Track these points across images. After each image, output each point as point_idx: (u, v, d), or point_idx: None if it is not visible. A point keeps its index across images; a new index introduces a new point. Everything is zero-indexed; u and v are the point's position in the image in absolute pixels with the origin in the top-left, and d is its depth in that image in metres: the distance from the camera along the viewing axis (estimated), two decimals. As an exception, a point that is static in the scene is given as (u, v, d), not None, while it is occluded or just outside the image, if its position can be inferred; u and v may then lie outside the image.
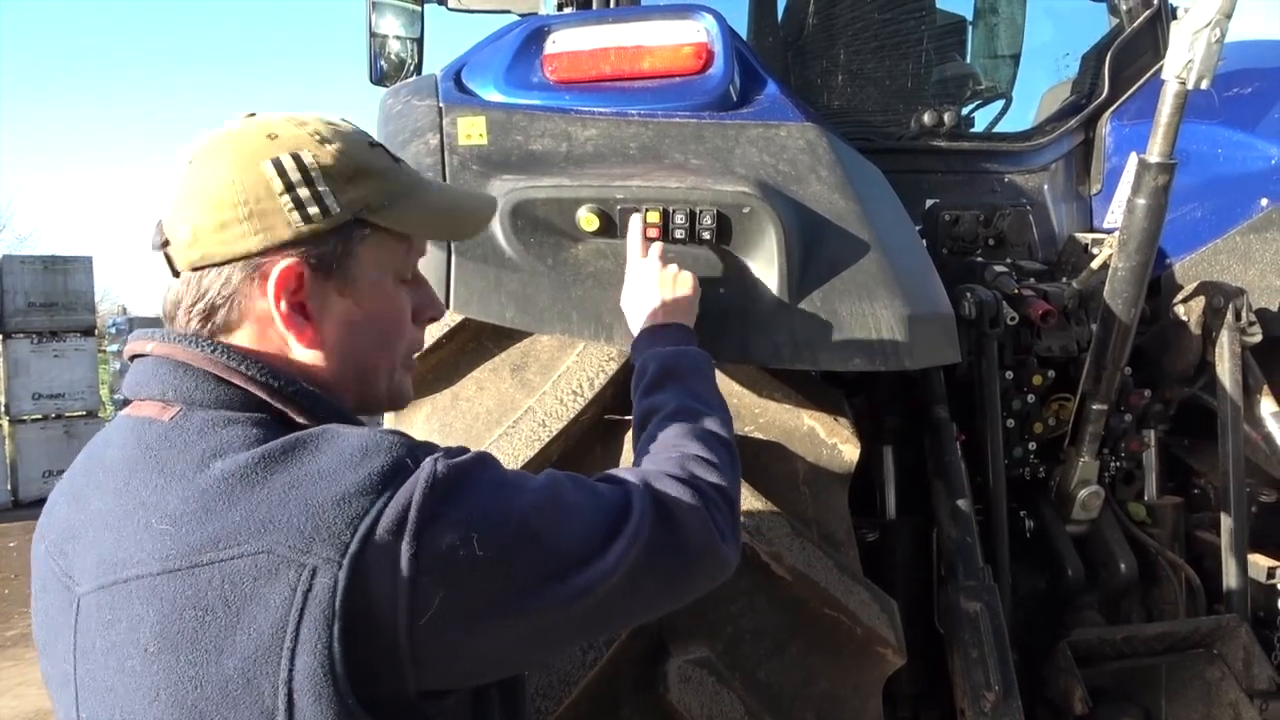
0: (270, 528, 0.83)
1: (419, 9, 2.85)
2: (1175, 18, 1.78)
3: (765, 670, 1.60)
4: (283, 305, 0.95)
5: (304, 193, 0.94)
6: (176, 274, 0.98)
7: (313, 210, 0.95)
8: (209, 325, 0.97)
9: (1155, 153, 1.82)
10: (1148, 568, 2.20)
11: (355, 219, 0.98)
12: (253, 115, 1.02)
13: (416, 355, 1.79)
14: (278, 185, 0.94)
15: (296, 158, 0.95)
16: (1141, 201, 1.86)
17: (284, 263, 0.94)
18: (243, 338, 0.98)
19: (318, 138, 0.97)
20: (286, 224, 0.94)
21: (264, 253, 0.94)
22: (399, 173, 1.04)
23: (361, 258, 1.00)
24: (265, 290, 0.95)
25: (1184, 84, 1.73)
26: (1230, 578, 2.06)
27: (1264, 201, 2.18)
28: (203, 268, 0.96)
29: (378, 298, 1.03)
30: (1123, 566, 2.15)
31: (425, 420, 1.77)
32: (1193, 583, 2.19)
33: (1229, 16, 1.66)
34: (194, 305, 0.97)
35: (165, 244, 0.98)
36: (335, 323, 1.00)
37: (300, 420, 0.94)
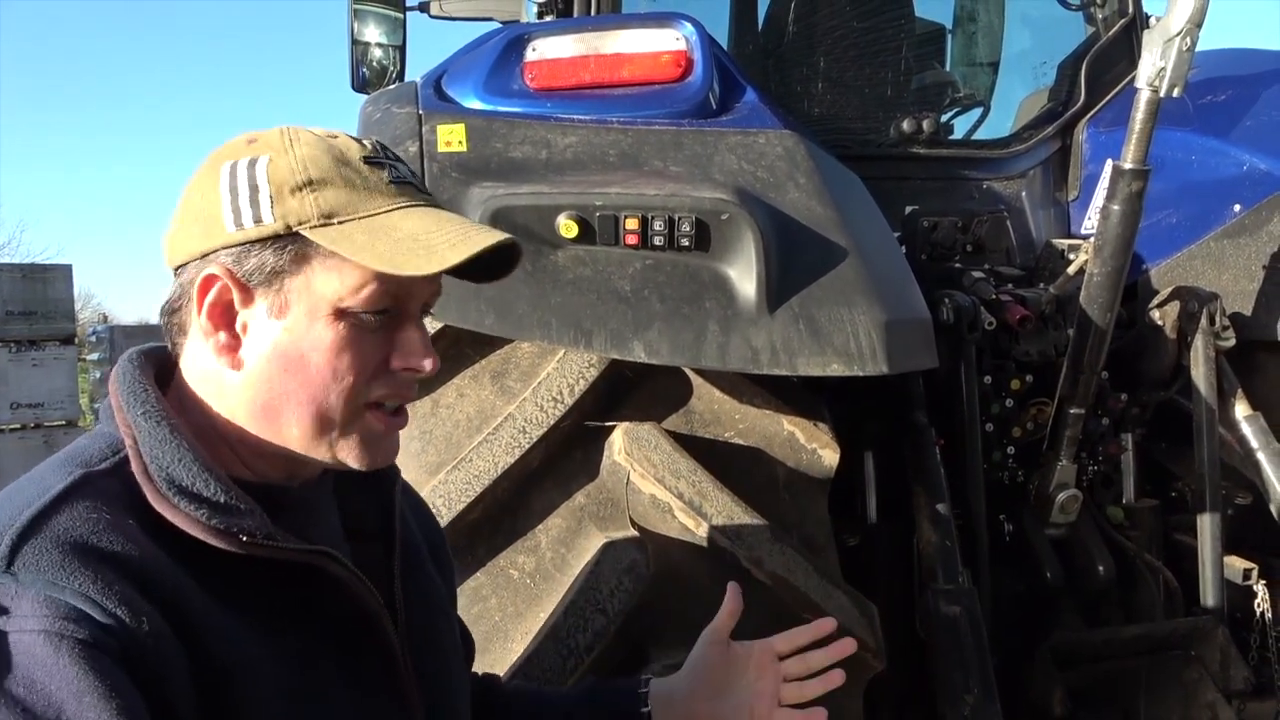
0: None
1: (401, 16, 2.85)
2: (1149, 26, 1.81)
3: (746, 675, 1.59)
4: (202, 316, 0.89)
5: (243, 198, 0.88)
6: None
7: (246, 216, 0.88)
8: (176, 327, 0.93)
9: (1129, 159, 1.84)
10: (1126, 570, 2.22)
11: (291, 233, 0.87)
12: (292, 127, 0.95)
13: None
14: (224, 188, 0.89)
15: (251, 163, 0.89)
16: (1116, 207, 1.88)
17: (210, 269, 0.88)
18: (191, 350, 0.93)
19: (286, 142, 0.90)
20: (220, 228, 0.88)
21: (203, 256, 0.89)
22: (377, 193, 0.90)
23: (298, 279, 0.88)
24: (198, 297, 0.90)
25: (1156, 91, 1.75)
26: (1207, 580, 2.08)
27: (1237, 207, 2.21)
28: (175, 270, 0.93)
29: (313, 328, 0.89)
30: (1101, 569, 2.17)
31: (405, 428, 1.77)
32: (1171, 585, 2.21)
33: (1199, 25, 1.68)
34: (166, 304, 0.94)
35: None
36: (261, 347, 0.90)
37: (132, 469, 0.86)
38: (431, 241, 0.90)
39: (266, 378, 0.90)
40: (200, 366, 0.93)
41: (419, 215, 0.92)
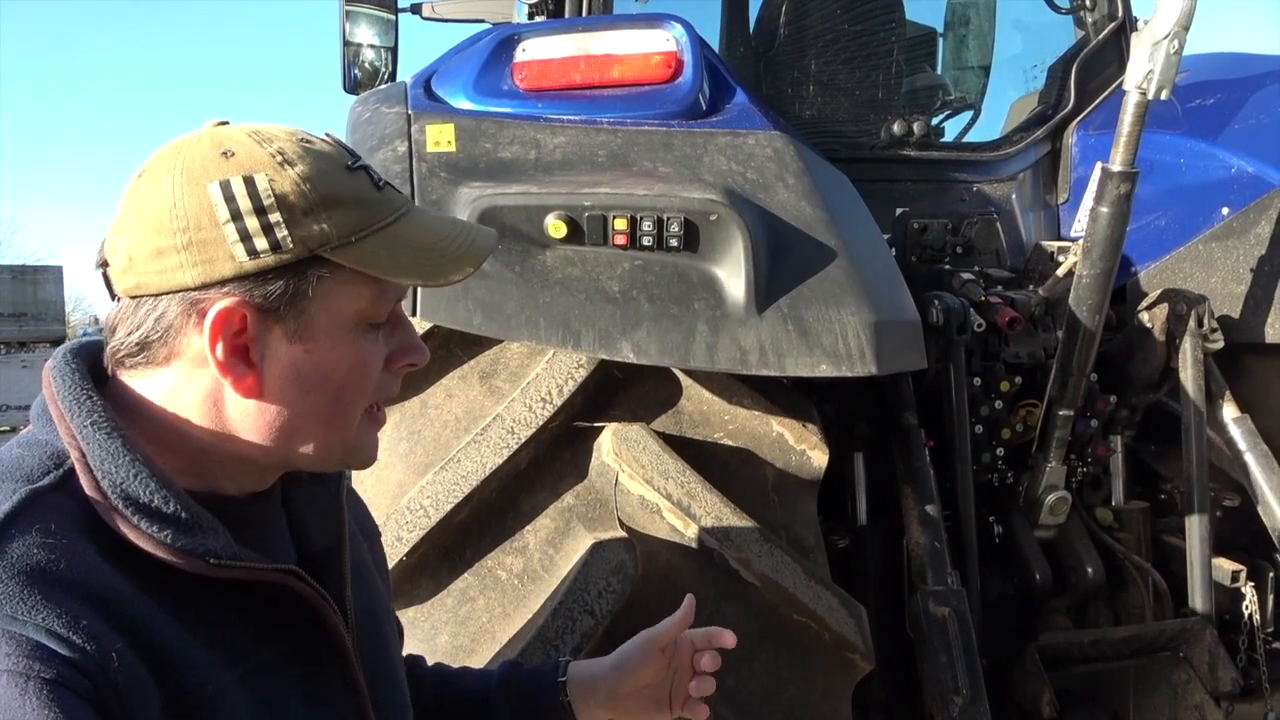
0: None
1: (393, 18, 2.84)
2: (1137, 30, 1.81)
3: (734, 676, 1.59)
4: (219, 349, 0.83)
5: (252, 223, 0.81)
6: (115, 297, 0.87)
7: (260, 244, 0.82)
8: (143, 356, 0.85)
9: (1118, 162, 1.85)
10: (1115, 572, 2.22)
11: (312, 256, 0.84)
12: (223, 124, 0.89)
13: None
14: (222, 213, 0.81)
15: (249, 181, 0.82)
16: (1105, 210, 1.89)
17: (224, 302, 0.82)
18: (170, 377, 0.86)
19: (279, 159, 0.84)
20: (229, 258, 0.82)
21: (203, 288, 0.82)
22: (376, 203, 0.89)
23: (318, 300, 0.85)
24: (201, 330, 0.83)
25: (1144, 94, 1.76)
26: (1195, 581, 2.09)
27: (1225, 210, 2.22)
28: (139, 297, 0.84)
29: (335, 346, 0.87)
30: (1090, 571, 2.17)
31: (393, 428, 1.77)
32: (1159, 586, 2.21)
33: (1187, 29, 1.69)
34: (129, 336, 0.85)
35: (104, 264, 0.87)
36: (280, 371, 0.86)
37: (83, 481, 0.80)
38: (445, 248, 0.92)
39: (287, 402, 0.87)
40: (191, 394, 0.86)
41: (417, 220, 0.92)
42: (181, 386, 0.86)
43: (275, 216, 0.82)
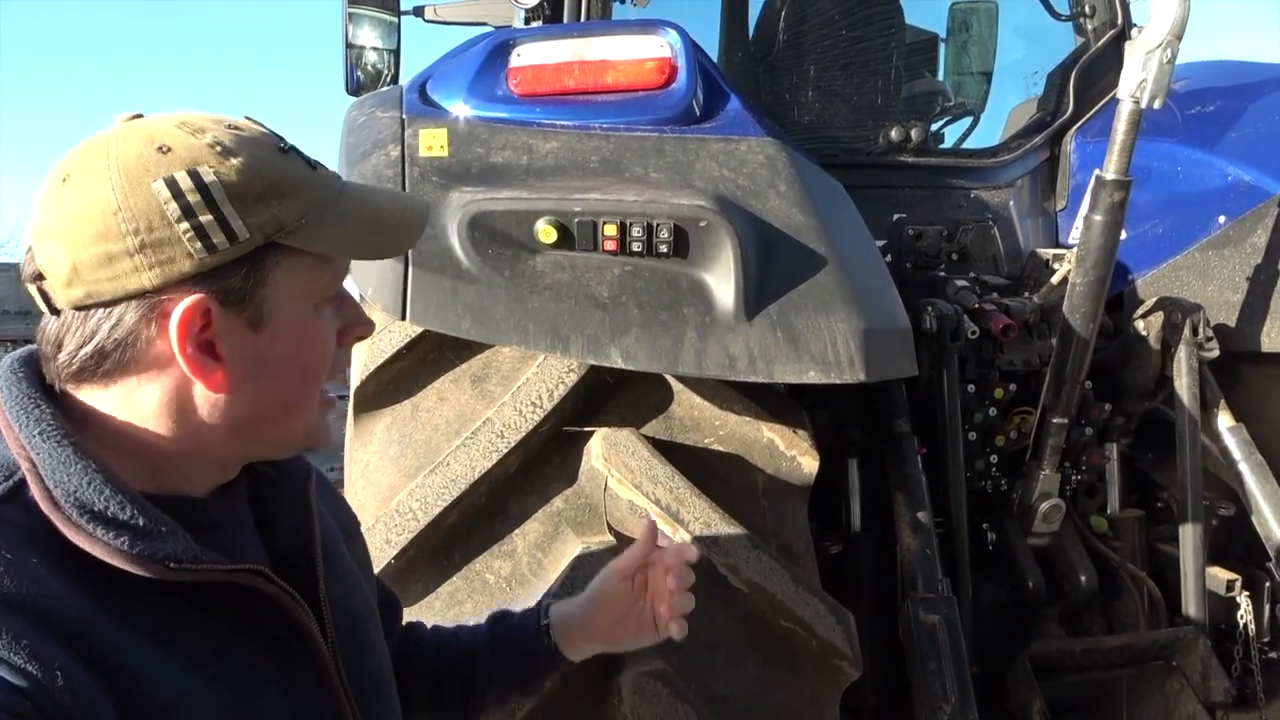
0: None
1: (396, 20, 2.86)
2: (1132, 38, 1.82)
3: (721, 682, 1.60)
4: (189, 348, 0.81)
5: (205, 218, 0.80)
6: (55, 311, 0.83)
7: (217, 238, 0.81)
8: (97, 368, 0.83)
9: (1111, 170, 1.85)
10: (1109, 580, 2.22)
11: (268, 243, 0.84)
12: (137, 118, 0.86)
13: (378, 365, 1.81)
14: (173, 210, 0.79)
15: (194, 175, 0.80)
16: (1098, 218, 1.89)
17: (188, 300, 0.80)
18: (129, 384, 0.84)
19: (219, 149, 0.82)
20: (188, 255, 0.80)
21: (162, 289, 0.80)
22: (317, 183, 0.88)
23: (277, 286, 0.85)
24: (166, 331, 0.81)
25: (1138, 103, 1.76)
26: (1189, 590, 2.08)
27: (1222, 219, 2.21)
28: (89, 307, 0.81)
29: (297, 329, 0.88)
30: (1083, 579, 2.17)
31: (385, 431, 1.78)
32: (1153, 595, 2.21)
33: (1180, 38, 1.69)
34: (80, 349, 0.82)
35: (39, 277, 0.83)
36: (247, 362, 0.85)
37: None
38: (388, 220, 0.93)
39: (255, 390, 0.87)
40: (153, 398, 0.84)
41: (355, 195, 0.92)
42: (142, 391, 0.84)
43: (227, 209, 0.81)
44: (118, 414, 0.85)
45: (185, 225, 0.80)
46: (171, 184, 0.80)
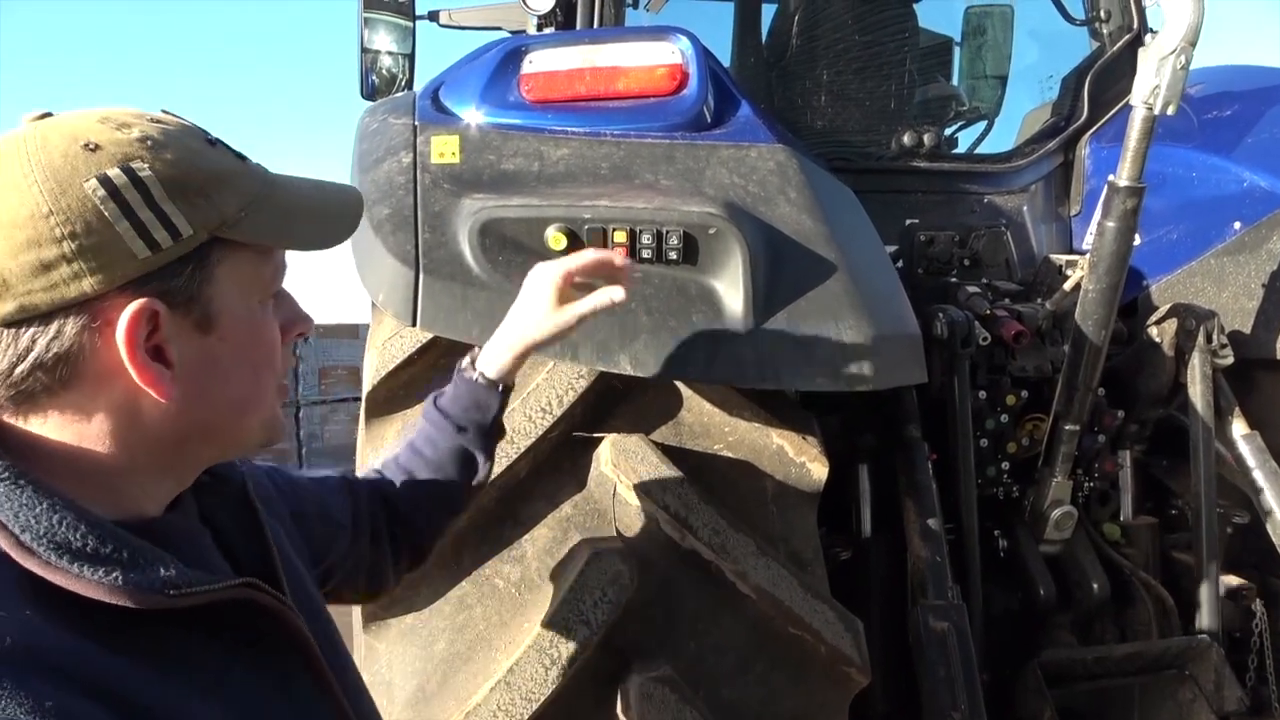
0: None
1: (411, 25, 2.88)
2: (1146, 43, 1.81)
3: (728, 688, 1.60)
4: (138, 355, 0.77)
5: (145, 215, 0.75)
6: None
7: (160, 235, 0.76)
8: (40, 390, 0.76)
9: (1124, 176, 1.84)
10: (1121, 588, 2.20)
11: (211, 239, 0.80)
12: (46, 116, 0.80)
13: (389, 370, 1.82)
14: (110, 209, 0.74)
15: (129, 171, 0.76)
16: (1111, 224, 1.88)
17: (133, 304, 0.76)
18: (71, 401, 0.78)
19: (149, 143, 0.78)
20: (130, 256, 0.75)
21: (104, 294, 0.75)
22: (249, 174, 0.85)
23: (222, 283, 0.82)
24: (112, 340, 0.76)
25: (1151, 109, 1.75)
26: (1203, 599, 2.07)
27: (1237, 225, 2.20)
28: (20, 322, 0.74)
29: (246, 327, 0.85)
30: (1095, 587, 2.16)
31: (396, 436, 1.78)
32: (1166, 603, 2.19)
33: (1194, 44, 1.68)
34: (14, 369, 0.75)
35: None
36: (198, 364, 0.82)
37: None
38: (325, 209, 0.93)
39: (209, 393, 0.83)
40: (100, 413, 0.79)
41: (286, 186, 0.89)
42: (87, 407, 0.78)
43: (168, 205, 0.77)
44: (65, 438, 0.79)
45: (125, 224, 0.75)
46: (106, 182, 0.75)
